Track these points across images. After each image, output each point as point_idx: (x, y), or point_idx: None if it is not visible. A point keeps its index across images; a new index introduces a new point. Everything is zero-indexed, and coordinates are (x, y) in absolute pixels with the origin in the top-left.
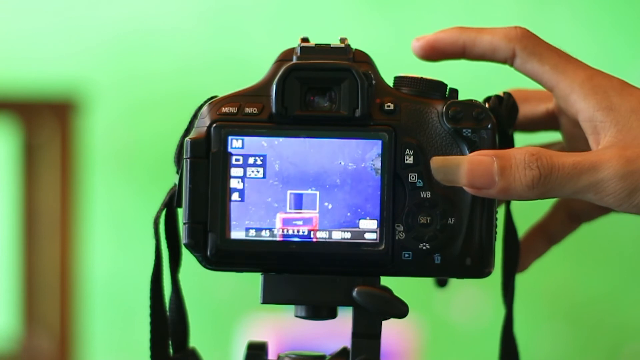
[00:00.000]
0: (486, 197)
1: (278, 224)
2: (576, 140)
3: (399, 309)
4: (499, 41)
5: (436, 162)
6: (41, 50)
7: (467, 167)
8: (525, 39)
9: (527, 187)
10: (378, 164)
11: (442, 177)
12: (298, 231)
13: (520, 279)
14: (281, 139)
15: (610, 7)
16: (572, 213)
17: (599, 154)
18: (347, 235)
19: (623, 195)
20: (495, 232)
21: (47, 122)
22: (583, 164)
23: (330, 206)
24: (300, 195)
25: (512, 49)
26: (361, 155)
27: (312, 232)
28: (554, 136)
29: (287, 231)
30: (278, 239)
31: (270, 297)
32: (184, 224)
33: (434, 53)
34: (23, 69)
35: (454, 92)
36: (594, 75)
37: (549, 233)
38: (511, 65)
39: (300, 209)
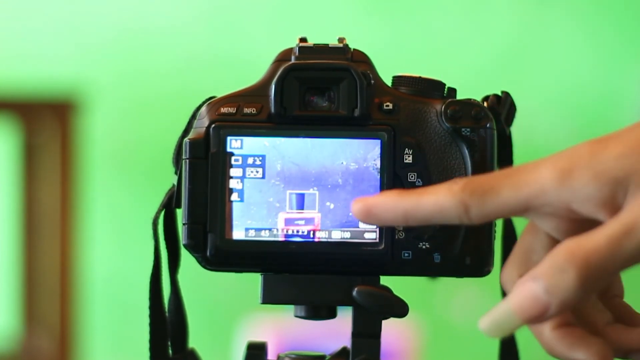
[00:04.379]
0: (555, 313)
1: (280, 224)
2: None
3: (399, 309)
4: (444, 197)
5: (484, 324)
6: (41, 50)
7: (514, 304)
8: (470, 184)
9: (576, 289)
10: (379, 163)
11: (497, 333)
12: (300, 231)
13: None
14: (283, 139)
15: (609, 8)
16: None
17: (628, 215)
18: (347, 235)
19: None
20: (494, 231)
21: (47, 122)
22: (617, 233)
23: (332, 206)
24: (302, 195)
25: (461, 200)
26: (363, 155)
27: (313, 232)
28: (557, 139)
29: (289, 231)
30: (280, 239)
31: (270, 297)
32: (184, 224)
33: (370, 218)
34: (23, 69)
35: (453, 91)
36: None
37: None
38: (469, 221)
39: (302, 209)
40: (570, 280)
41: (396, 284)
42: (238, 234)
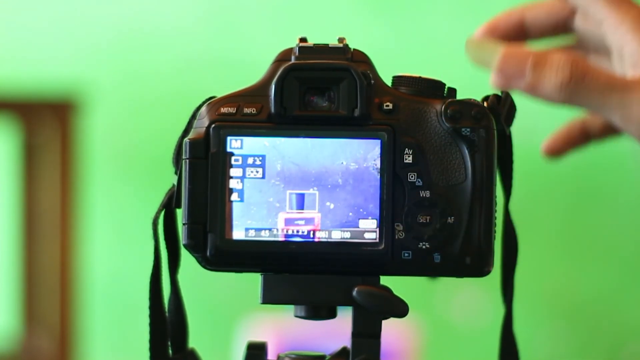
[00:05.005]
0: (513, 89)
1: (280, 224)
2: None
3: (399, 309)
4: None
5: (472, 42)
6: (41, 50)
7: (503, 52)
8: None
9: (556, 87)
10: (379, 163)
11: (475, 54)
12: (300, 231)
13: (520, 279)
14: (283, 139)
15: None
16: (584, 129)
17: (636, 80)
18: (347, 235)
19: None
20: (495, 231)
21: (47, 122)
22: (617, 81)
23: (332, 206)
24: (302, 195)
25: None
26: (363, 155)
27: (313, 232)
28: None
29: (289, 231)
30: (280, 239)
31: (270, 297)
32: (184, 224)
33: (495, 35)
34: (23, 69)
35: (453, 91)
36: None
37: (588, 126)
38: (570, 26)
39: (302, 209)
40: (558, 77)
41: (396, 284)
42: (238, 234)
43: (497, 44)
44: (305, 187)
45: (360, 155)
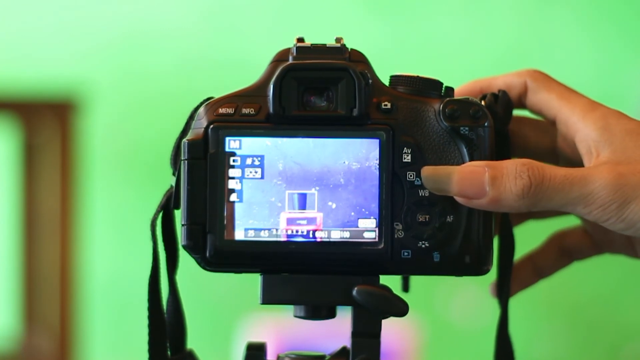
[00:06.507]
0: (477, 207)
1: (282, 224)
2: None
3: (399, 308)
4: (512, 78)
5: (427, 171)
6: (41, 50)
7: (458, 176)
8: (536, 74)
9: (517, 196)
10: (379, 163)
11: (432, 185)
12: (301, 231)
13: None
14: (282, 139)
15: (610, 8)
16: (564, 249)
17: (591, 168)
18: (347, 234)
19: (612, 209)
20: (494, 231)
21: (47, 122)
22: (574, 175)
23: (334, 206)
24: (304, 194)
25: (524, 83)
26: (365, 155)
27: (314, 232)
28: None
29: (291, 231)
30: (280, 239)
31: (270, 297)
32: (182, 225)
33: None
34: (23, 69)
35: (450, 90)
36: (596, 103)
37: (538, 266)
38: (524, 101)
39: (304, 208)
40: (518, 186)
41: (396, 284)
42: (238, 234)
43: (449, 168)
44: (306, 186)
45: (362, 154)
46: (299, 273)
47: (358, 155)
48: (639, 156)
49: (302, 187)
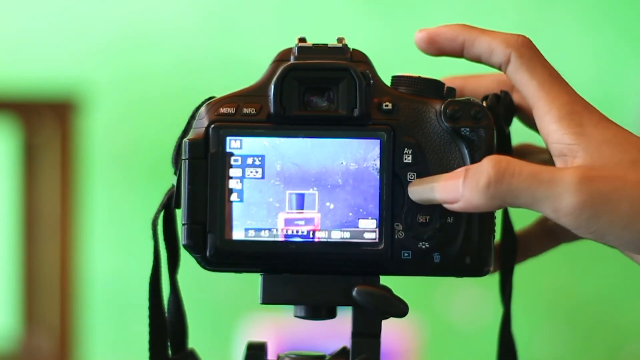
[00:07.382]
0: (459, 211)
1: (280, 224)
2: None
3: (399, 308)
4: (498, 44)
5: (413, 184)
6: (41, 50)
7: (439, 183)
8: (524, 48)
9: (481, 193)
10: (379, 163)
11: (417, 196)
12: (300, 231)
13: (520, 279)
14: (282, 139)
15: (610, 8)
16: (548, 230)
17: (562, 169)
18: (347, 235)
19: (583, 219)
20: (494, 231)
21: (47, 122)
22: (543, 174)
23: (332, 206)
24: (302, 195)
25: (508, 55)
26: (363, 155)
27: (313, 232)
28: None
29: (289, 231)
30: (279, 239)
31: (270, 297)
32: (183, 224)
33: (432, 47)
34: (23, 69)
35: (452, 91)
36: (576, 102)
37: (525, 245)
38: (504, 71)
39: (302, 209)
40: (480, 183)
41: (396, 284)
42: (238, 234)
43: (435, 177)
44: (305, 187)
45: (360, 155)
46: (299, 273)
47: (356, 156)
48: (615, 164)
49: (300, 188)
